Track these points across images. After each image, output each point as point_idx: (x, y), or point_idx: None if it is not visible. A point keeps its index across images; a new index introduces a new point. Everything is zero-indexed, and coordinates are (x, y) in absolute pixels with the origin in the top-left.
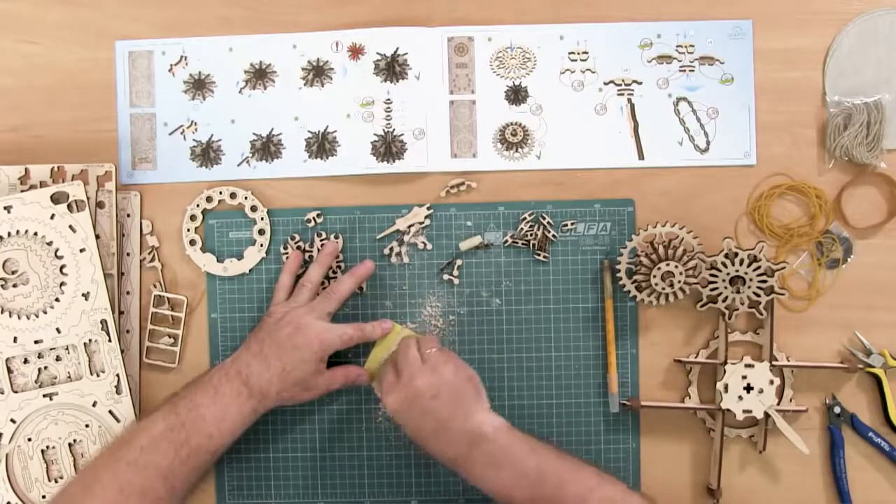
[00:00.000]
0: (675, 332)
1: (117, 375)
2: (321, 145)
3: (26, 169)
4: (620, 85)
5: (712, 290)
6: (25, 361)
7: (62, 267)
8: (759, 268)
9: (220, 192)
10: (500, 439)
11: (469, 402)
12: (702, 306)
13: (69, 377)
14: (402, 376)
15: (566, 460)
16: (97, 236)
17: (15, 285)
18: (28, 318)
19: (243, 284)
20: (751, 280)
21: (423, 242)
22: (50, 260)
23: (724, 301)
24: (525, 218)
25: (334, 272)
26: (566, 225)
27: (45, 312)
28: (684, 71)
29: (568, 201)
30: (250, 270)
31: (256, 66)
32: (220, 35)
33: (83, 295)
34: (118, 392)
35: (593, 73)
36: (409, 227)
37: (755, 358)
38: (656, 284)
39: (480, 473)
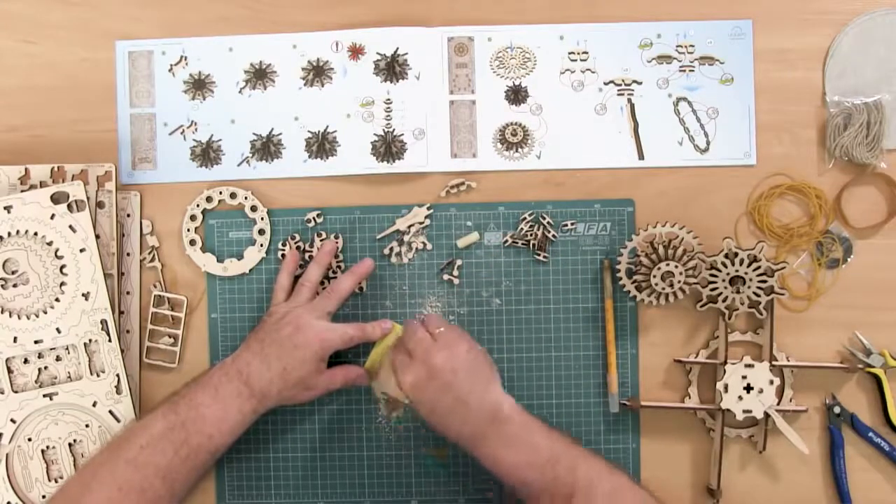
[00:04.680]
0: (675, 332)
1: (117, 375)
2: (321, 145)
3: (26, 169)
4: (620, 85)
5: (712, 290)
6: (25, 361)
7: (62, 267)
8: (759, 268)
9: (220, 192)
10: (517, 419)
11: (486, 377)
12: (702, 306)
13: (69, 377)
14: (415, 356)
15: (577, 447)
16: (97, 236)
17: (15, 285)
18: (28, 318)
19: (243, 284)
20: (751, 280)
21: (423, 242)
22: (50, 260)
23: (724, 301)
24: (525, 218)
25: (334, 272)
26: (566, 225)
27: (45, 312)
28: (684, 71)
29: (568, 201)
30: (250, 270)
31: (256, 66)
32: (220, 35)
33: (83, 295)
34: (118, 392)
35: (593, 73)
36: (409, 227)
37: (755, 358)
38: (656, 284)
39: (496, 452)
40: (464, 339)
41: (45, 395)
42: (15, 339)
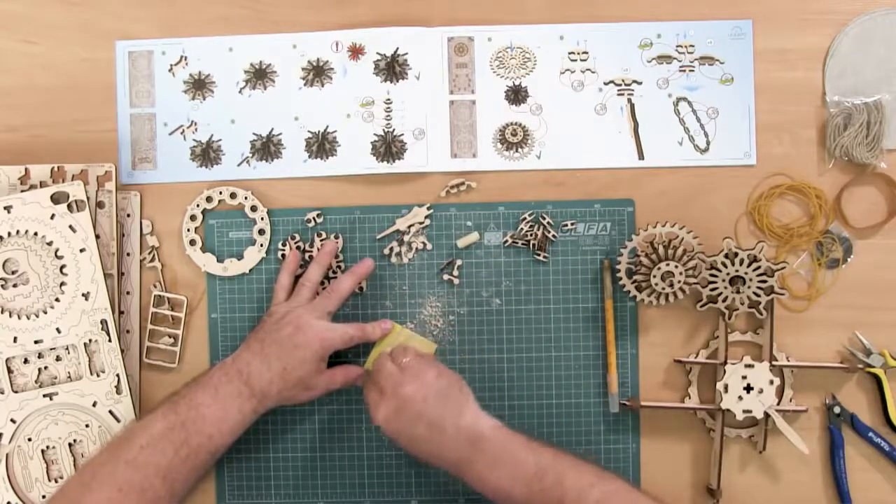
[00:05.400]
0: (675, 332)
1: (117, 375)
2: (321, 145)
3: (26, 169)
4: (620, 85)
5: (712, 290)
6: (25, 361)
7: (62, 267)
8: (759, 268)
9: (220, 192)
10: (498, 437)
11: (458, 400)
12: (702, 306)
13: (69, 377)
14: (385, 390)
15: (564, 457)
16: (97, 236)
17: (15, 285)
18: (28, 318)
19: (243, 284)
20: (751, 280)
21: (423, 242)
22: (50, 260)
23: (724, 301)
24: (525, 218)
25: (334, 272)
26: (566, 225)
27: (45, 312)
28: (684, 71)
29: (568, 201)
30: (250, 270)
31: (256, 66)
32: (220, 35)
33: (83, 295)
34: (118, 392)
35: (593, 73)
36: (409, 227)
37: (755, 358)
38: (656, 284)
39: (480, 474)
40: (431, 365)
41: (45, 395)
42: (15, 339)
